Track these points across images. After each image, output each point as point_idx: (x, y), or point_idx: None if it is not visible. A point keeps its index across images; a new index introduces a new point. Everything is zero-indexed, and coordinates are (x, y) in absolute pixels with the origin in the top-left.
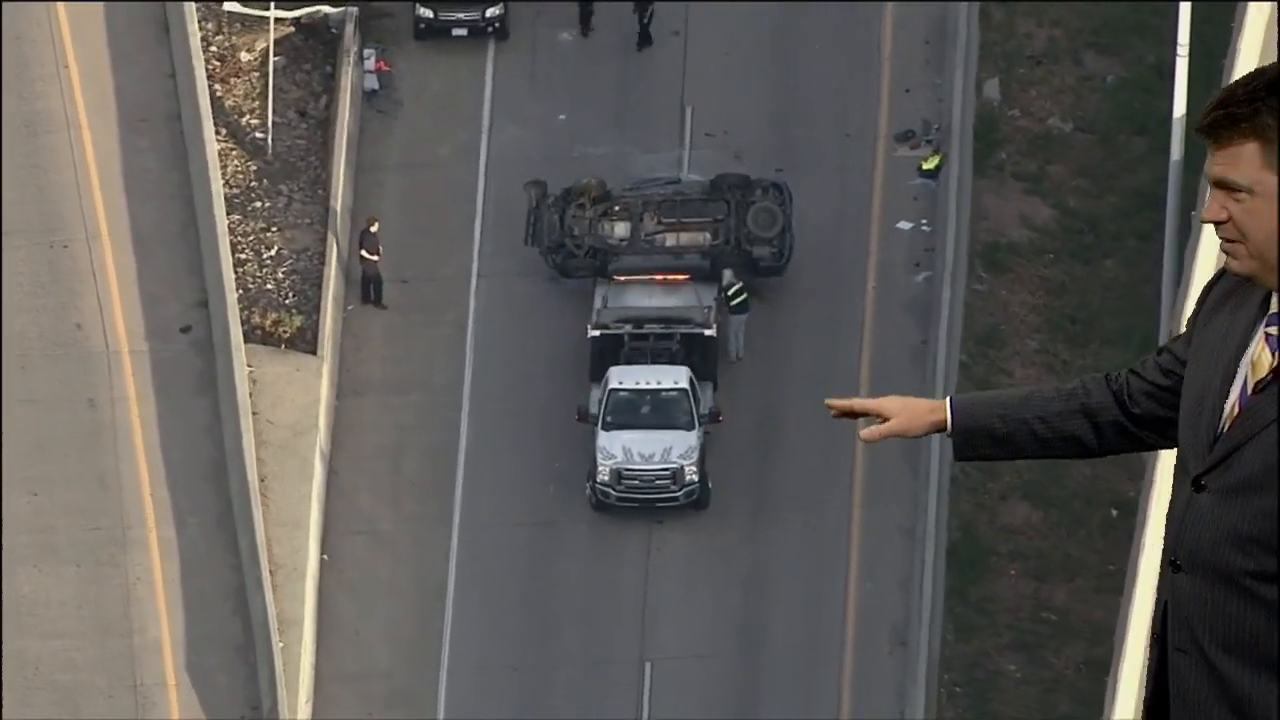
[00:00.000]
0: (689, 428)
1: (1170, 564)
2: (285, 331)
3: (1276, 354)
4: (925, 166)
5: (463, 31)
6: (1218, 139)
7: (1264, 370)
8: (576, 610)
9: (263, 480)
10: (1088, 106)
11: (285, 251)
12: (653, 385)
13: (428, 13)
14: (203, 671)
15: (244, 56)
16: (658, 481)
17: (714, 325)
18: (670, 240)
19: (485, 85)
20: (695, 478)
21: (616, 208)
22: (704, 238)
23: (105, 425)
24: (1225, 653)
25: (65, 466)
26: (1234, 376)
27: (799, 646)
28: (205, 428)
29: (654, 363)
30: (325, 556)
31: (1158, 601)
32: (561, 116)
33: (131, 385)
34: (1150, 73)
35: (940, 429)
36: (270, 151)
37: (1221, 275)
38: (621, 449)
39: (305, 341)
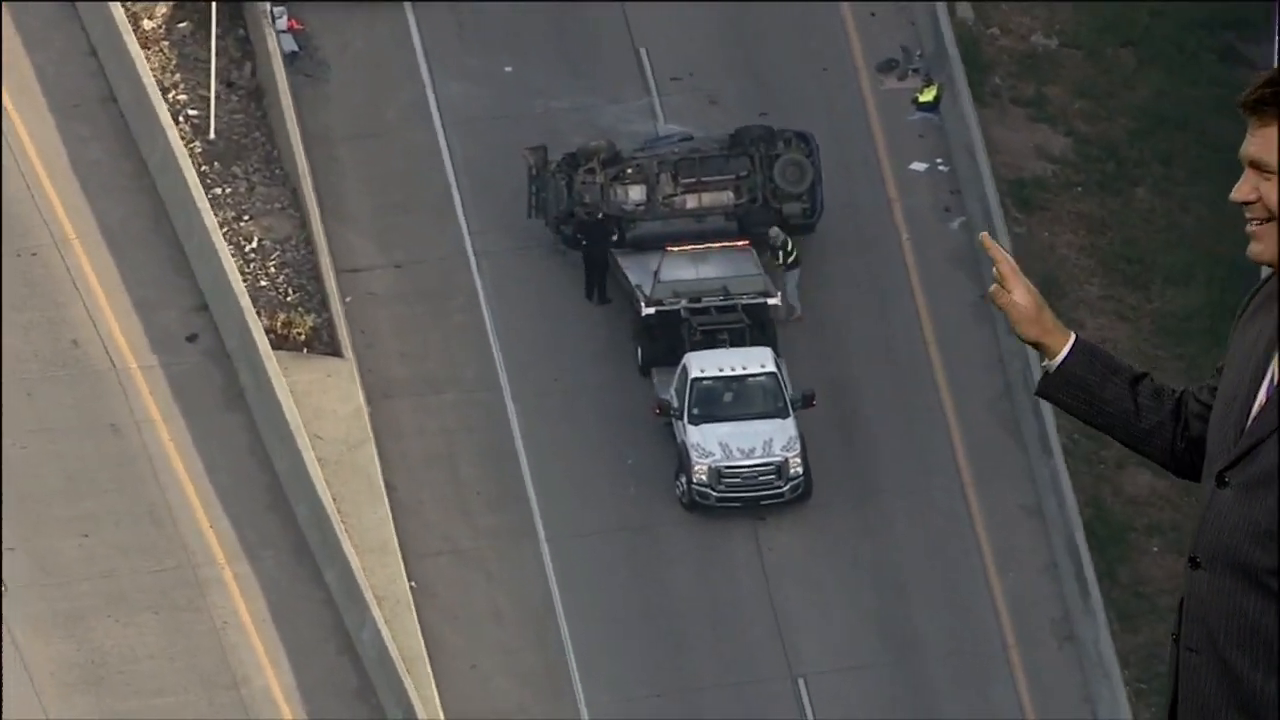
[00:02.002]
0: (784, 414)
1: (1190, 561)
2: (299, 333)
3: None
4: (922, 99)
5: None
6: (1260, 116)
7: None
8: (703, 624)
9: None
10: (1065, 19)
11: (267, 243)
12: (738, 370)
13: None
14: None
15: (146, 24)
16: (761, 478)
17: (777, 293)
18: (691, 202)
19: (412, 38)
20: (800, 470)
21: (629, 170)
22: (727, 197)
23: (137, 452)
24: (1239, 650)
25: (107, 502)
26: (1262, 377)
27: (958, 649)
28: (246, 448)
29: (726, 344)
30: (414, 584)
31: (1180, 599)
32: (508, 69)
33: (152, 405)
34: None
35: (1046, 350)
36: (212, 131)
37: (1262, 285)
38: (718, 445)
39: (323, 343)
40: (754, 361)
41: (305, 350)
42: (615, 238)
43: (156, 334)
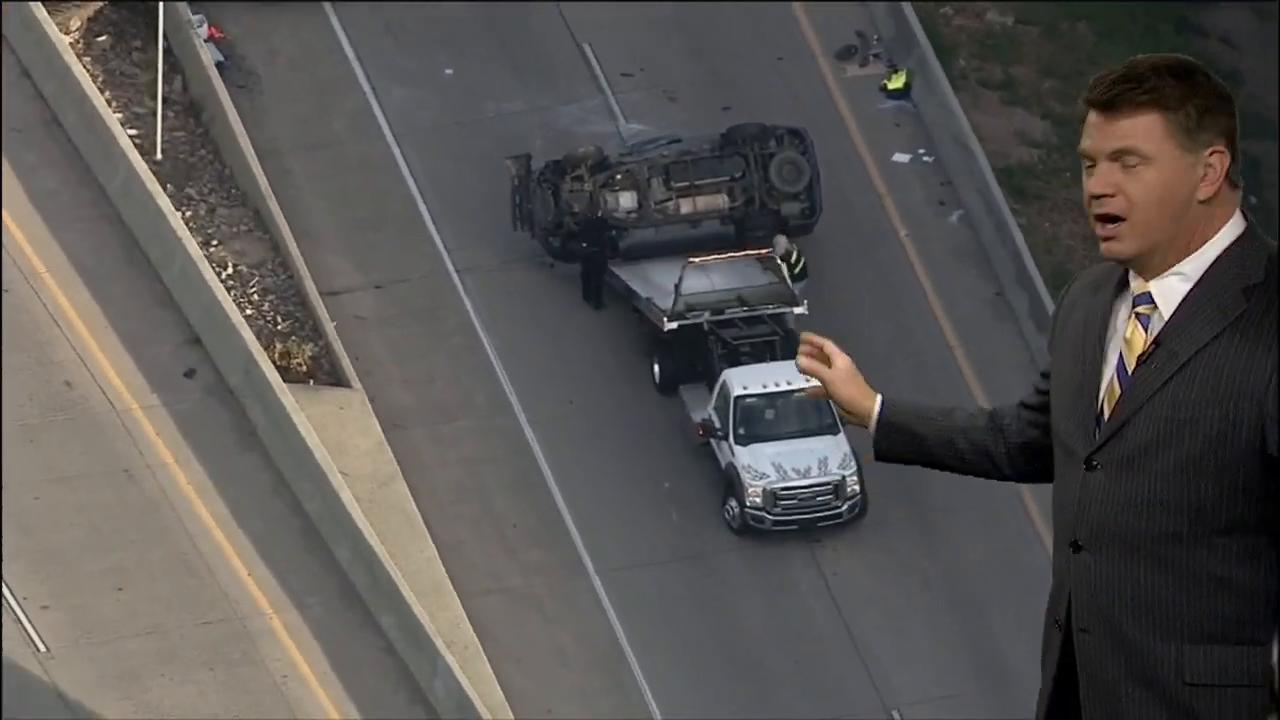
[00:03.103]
0: (834, 430)
1: (1070, 545)
2: (299, 364)
3: (1149, 331)
4: (891, 86)
5: None
6: (1116, 110)
7: (1139, 348)
8: (781, 656)
9: None
10: None
11: (243, 269)
12: (783, 386)
13: None
14: None
15: (64, 40)
16: (819, 498)
17: (803, 301)
18: (685, 206)
19: (341, 43)
20: (858, 489)
21: (619, 176)
22: (722, 200)
23: (158, 499)
24: (1134, 621)
25: (137, 553)
26: (1102, 360)
27: None
28: (270, 489)
29: (751, 358)
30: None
31: (1056, 586)
32: (448, 71)
33: (163, 448)
34: None
35: (863, 421)
36: (159, 151)
37: (1070, 288)
38: (772, 465)
39: (325, 372)
40: (798, 376)
41: (311, 381)
42: (613, 233)
43: (151, 371)
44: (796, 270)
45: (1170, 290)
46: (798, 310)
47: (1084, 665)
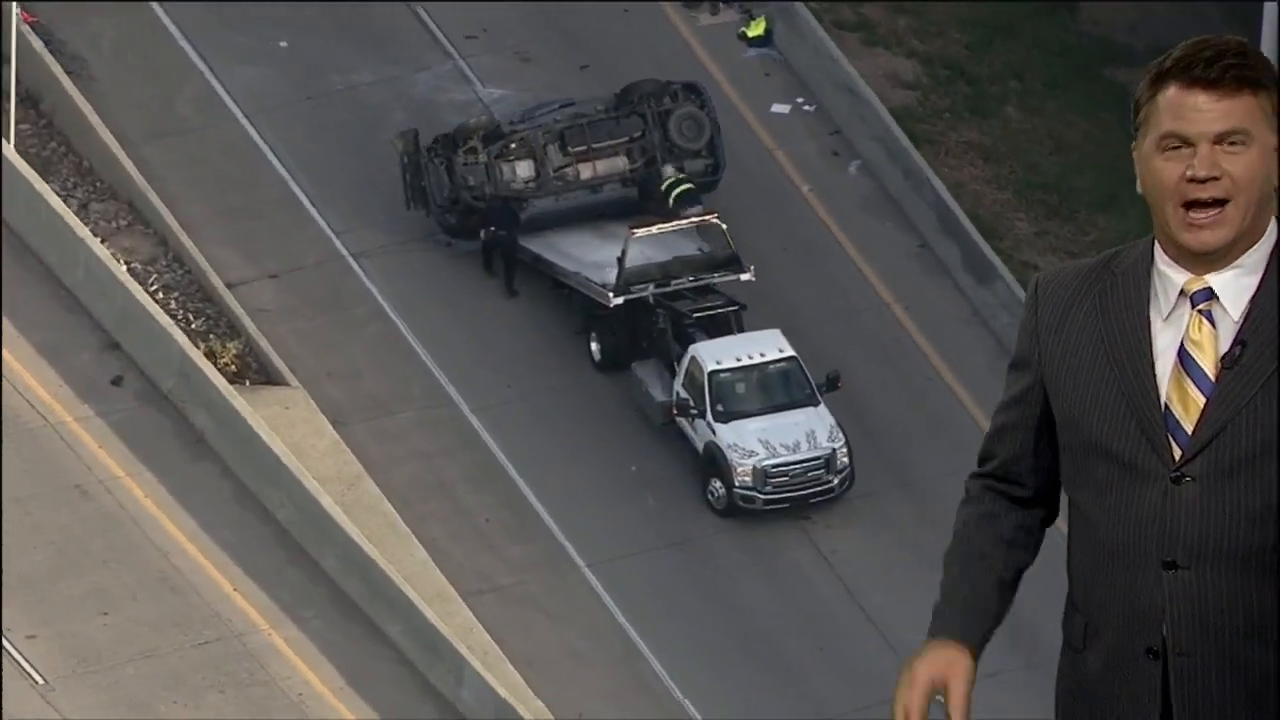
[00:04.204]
0: (814, 402)
1: (1162, 564)
2: (227, 364)
3: (1217, 327)
4: (751, 33)
5: None
6: (1222, 88)
7: (1211, 347)
8: (803, 641)
9: None
10: None
11: (136, 266)
12: (756, 358)
13: None
14: None
15: None
16: (810, 473)
17: (749, 266)
18: (585, 172)
19: (165, 22)
20: (847, 461)
21: (513, 145)
22: (623, 162)
23: (118, 515)
24: (1247, 639)
25: (112, 574)
26: (1152, 367)
27: None
28: (232, 497)
29: (712, 332)
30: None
31: (1133, 610)
32: (282, 44)
33: (110, 461)
34: None
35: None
36: (11, 145)
37: (1040, 297)
38: (759, 442)
39: (255, 372)
40: (769, 346)
41: (246, 382)
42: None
43: (76, 381)
44: (678, 194)
45: (1234, 285)
46: (744, 276)
47: (1184, 691)
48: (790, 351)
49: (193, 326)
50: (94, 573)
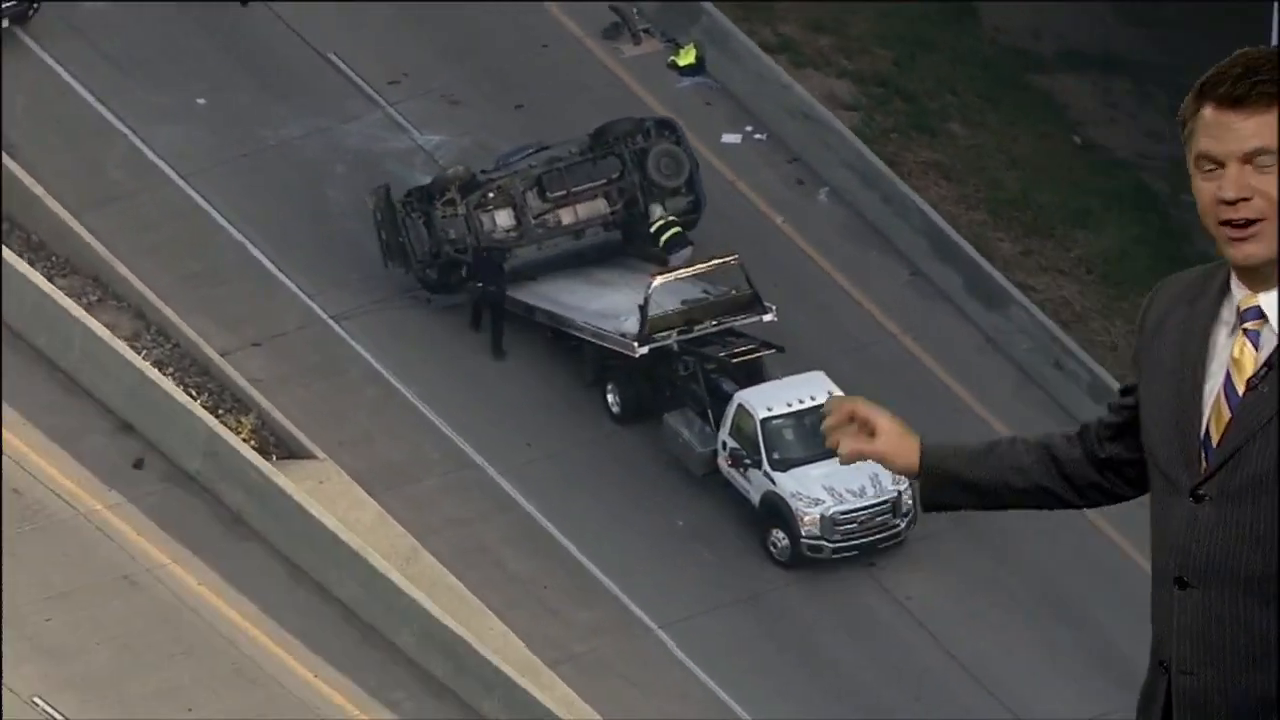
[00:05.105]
0: None
1: (1175, 582)
2: (245, 439)
3: (1260, 349)
4: (682, 62)
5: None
6: (1246, 107)
7: (1250, 367)
8: (899, 692)
9: None
10: None
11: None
12: (808, 402)
13: None
14: None
15: None
16: (878, 518)
17: (772, 306)
18: (566, 217)
19: (69, 82)
20: (911, 503)
21: (491, 194)
22: (603, 205)
23: (174, 604)
24: (1247, 666)
25: (184, 668)
26: (1204, 382)
27: None
28: (288, 577)
29: (740, 378)
30: None
31: (1159, 626)
32: (200, 100)
33: (151, 548)
34: None
35: (907, 471)
36: None
37: (1154, 298)
38: (824, 489)
39: (275, 445)
40: (818, 389)
41: (273, 457)
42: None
43: (96, 466)
44: (668, 238)
45: None
46: (767, 317)
47: (1187, 710)
48: (839, 392)
49: (200, 402)
50: (165, 669)
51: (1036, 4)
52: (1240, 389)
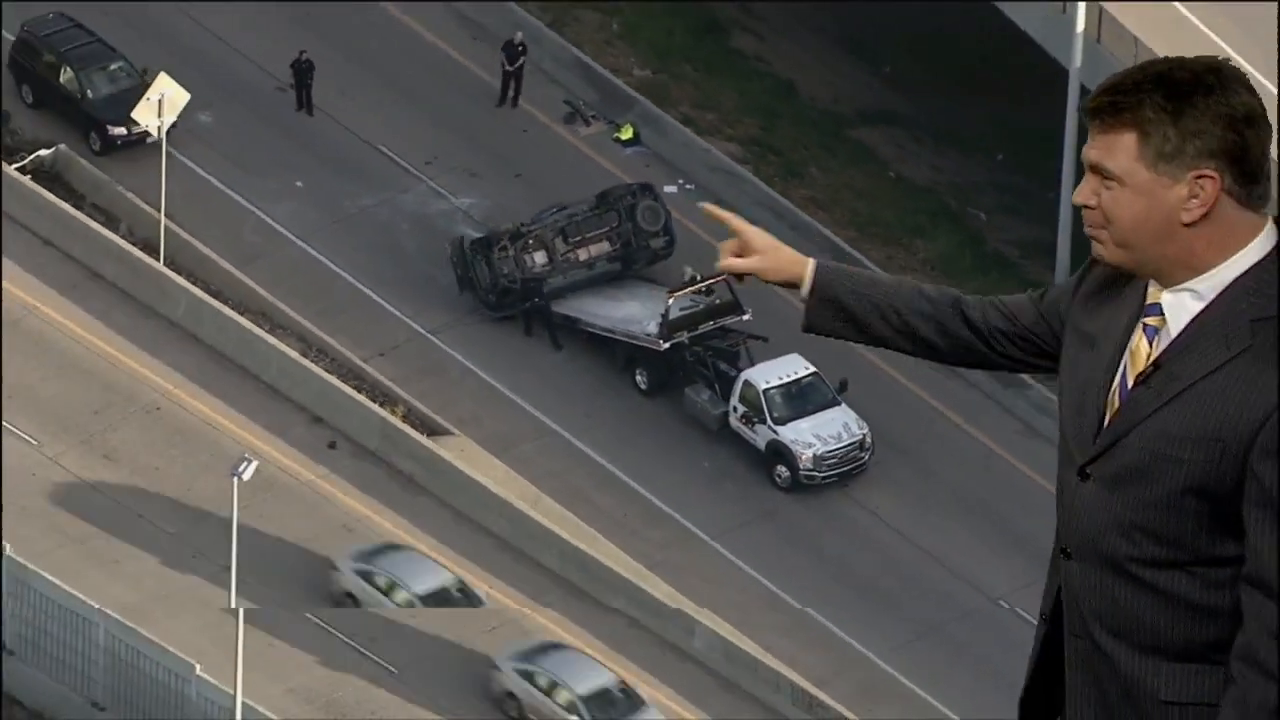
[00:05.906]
0: (836, 402)
1: (1061, 551)
2: (404, 422)
3: (1154, 346)
4: (624, 137)
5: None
6: (1101, 123)
7: (1142, 361)
8: (896, 579)
9: None
10: (641, 53)
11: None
12: (793, 375)
13: (120, 130)
14: None
15: None
16: (851, 454)
17: (747, 309)
18: (582, 255)
19: (200, 174)
20: (871, 440)
21: (530, 241)
22: (607, 246)
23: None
24: (1114, 638)
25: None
26: (1117, 367)
27: None
28: (454, 521)
29: (731, 365)
30: None
31: (1050, 585)
32: (299, 183)
33: (357, 505)
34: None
35: (796, 285)
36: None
37: (1089, 265)
38: (814, 436)
39: (421, 427)
40: (799, 366)
41: (428, 435)
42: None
43: (305, 449)
44: (701, 288)
45: (1181, 307)
46: (745, 316)
47: (1080, 667)
48: (813, 369)
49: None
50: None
51: (832, 76)
52: (1131, 381)
